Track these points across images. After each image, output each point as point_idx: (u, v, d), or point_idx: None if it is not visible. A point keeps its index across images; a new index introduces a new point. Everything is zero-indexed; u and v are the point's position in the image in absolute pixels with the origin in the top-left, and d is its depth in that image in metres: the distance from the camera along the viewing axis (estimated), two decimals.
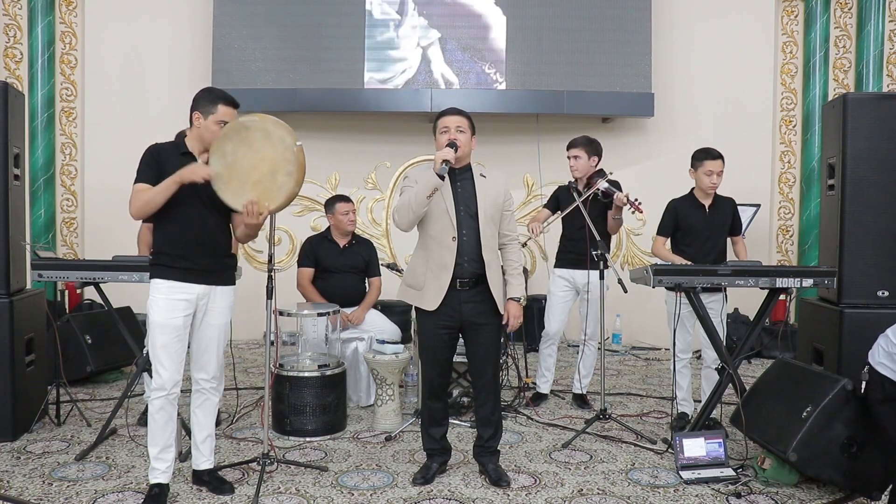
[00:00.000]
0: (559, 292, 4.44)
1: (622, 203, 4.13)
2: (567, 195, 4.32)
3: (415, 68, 6.36)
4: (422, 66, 6.36)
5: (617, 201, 4.14)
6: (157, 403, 2.89)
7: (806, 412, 3.08)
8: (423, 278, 3.15)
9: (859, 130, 3.78)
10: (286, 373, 3.92)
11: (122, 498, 3.03)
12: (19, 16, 6.30)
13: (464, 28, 6.38)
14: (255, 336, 6.41)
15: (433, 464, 3.29)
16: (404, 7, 6.32)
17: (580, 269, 4.31)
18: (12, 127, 3.77)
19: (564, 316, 4.49)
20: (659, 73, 6.55)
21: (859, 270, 3.77)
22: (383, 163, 6.75)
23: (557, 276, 4.46)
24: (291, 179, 2.84)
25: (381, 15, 6.32)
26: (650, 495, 3.13)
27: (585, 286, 4.27)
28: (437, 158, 3.03)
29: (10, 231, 3.76)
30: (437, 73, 6.37)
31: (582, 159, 4.29)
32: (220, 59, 6.25)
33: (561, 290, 4.44)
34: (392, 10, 6.31)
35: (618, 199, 4.14)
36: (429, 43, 6.33)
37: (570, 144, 4.36)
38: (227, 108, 2.92)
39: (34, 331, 3.97)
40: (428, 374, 3.26)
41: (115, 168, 5.89)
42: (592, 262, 4.06)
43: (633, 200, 4.11)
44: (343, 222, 4.65)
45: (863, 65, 6.49)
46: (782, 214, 6.92)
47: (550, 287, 4.51)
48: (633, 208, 4.14)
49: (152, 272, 2.93)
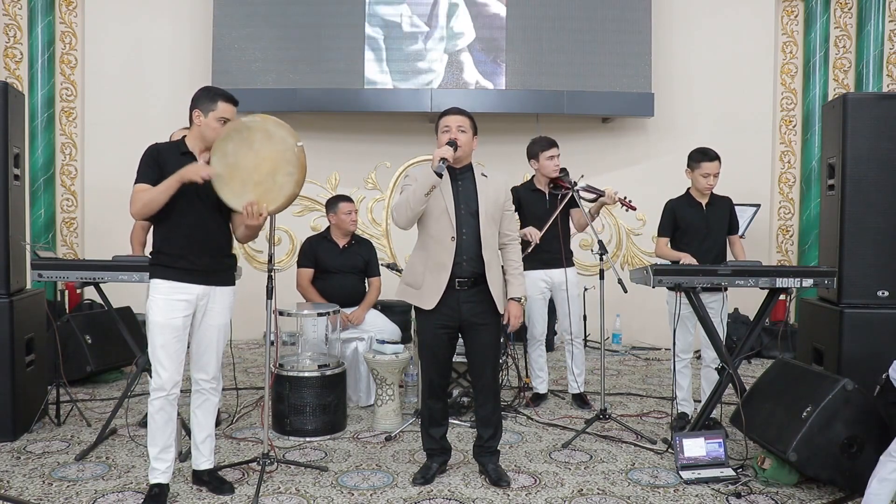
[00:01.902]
0: (537, 294, 4.42)
1: (612, 202, 4.15)
2: (531, 196, 4.34)
3: (440, 76, 6.39)
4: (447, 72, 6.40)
5: (607, 200, 4.19)
6: (157, 404, 2.89)
7: (806, 412, 3.08)
8: (421, 277, 3.15)
9: (859, 130, 3.78)
10: (286, 373, 3.92)
11: (122, 498, 3.03)
12: (19, 16, 6.30)
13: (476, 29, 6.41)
14: (255, 336, 6.41)
15: (433, 464, 3.29)
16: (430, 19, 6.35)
17: (556, 269, 4.34)
18: (12, 127, 3.77)
19: (546, 316, 4.52)
20: (659, 73, 6.55)
21: (859, 270, 3.77)
22: (383, 163, 6.75)
23: (534, 279, 4.36)
24: (292, 180, 2.84)
25: (410, 28, 6.35)
26: (650, 495, 3.13)
27: (562, 283, 4.29)
28: (435, 156, 3.03)
29: (10, 231, 3.76)
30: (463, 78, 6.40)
31: (558, 157, 4.33)
32: (220, 59, 6.25)
33: (539, 293, 4.42)
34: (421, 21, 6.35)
35: (608, 198, 4.18)
36: (456, 49, 6.37)
37: (552, 143, 4.34)
38: (228, 105, 2.91)
39: (34, 331, 3.97)
40: (428, 374, 3.25)
41: (115, 168, 5.89)
42: (567, 260, 4.12)
43: (623, 198, 4.13)
44: (345, 222, 4.65)
45: (863, 65, 6.49)
46: (782, 214, 6.92)
47: (528, 290, 4.39)
48: (625, 206, 4.15)
49: (152, 272, 2.93)
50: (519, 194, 4.30)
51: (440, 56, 6.40)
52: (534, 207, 4.32)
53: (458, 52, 6.42)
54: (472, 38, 6.40)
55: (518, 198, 4.26)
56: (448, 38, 6.39)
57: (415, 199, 3.04)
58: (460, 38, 6.41)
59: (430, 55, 6.39)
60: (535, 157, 4.36)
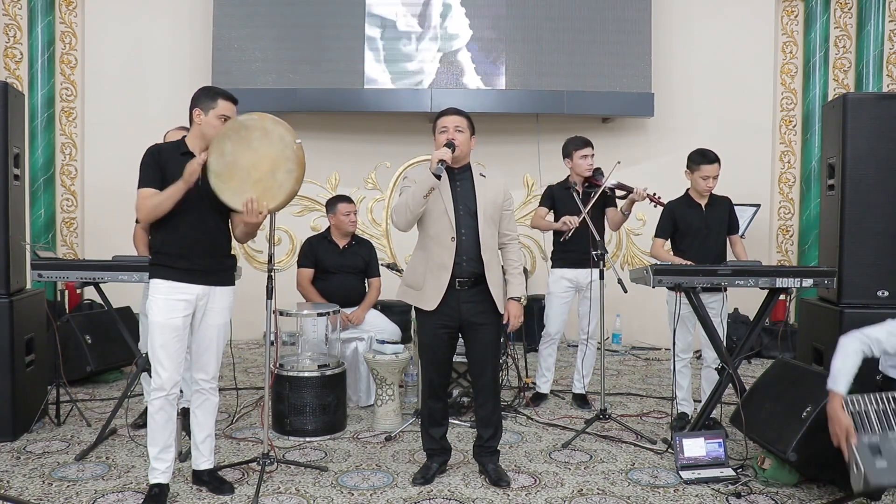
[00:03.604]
0: (560, 292, 4.44)
1: (641, 198, 4.13)
2: (564, 194, 4.33)
3: (432, 75, 6.39)
4: (440, 71, 6.39)
5: (637, 197, 4.16)
6: (157, 404, 2.89)
7: (806, 412, 3.08)
8: (422, 278, 3.15)
9: (859, 130, 3.78)
10: (286, 373, 3.92)
11: (122, 498, 3.03)
12: (19, 16, 6.30)
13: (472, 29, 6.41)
14: (255, 336, 6.41)
15: (433, 464, 3.29)
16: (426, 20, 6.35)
17: (583, 269, 4.30)
18: (12, 127, 3.77)
19: (565, 316, 4.49)
20: (659, 73, 6.55)
21: (859, 270, 3.77)
22: (383, 163, 6.75)
23: (559, 277, 4.44)
24: (291, 177, 2.84)
25: (410, 28, 6.35)
26: (650, 495, 3.13)
27: (588, 285, 4.27)
28: (433, 158, 3.03)
29: (10, 231, 3.76)
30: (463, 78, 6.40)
31: (592, 157, 4.34)
32: (220, 59, 6.25)
33: (563, 291, 4.43)
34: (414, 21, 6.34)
35: (637, 195, 4.15)
36: (455, 49, 6.37)
37: (586, 142, 4.35)
38: (227, 103, 2.92)
39: (34, 331, 3.97)
40: (428, 373, 3.26)
41: (115, 168, 5.89)
42: (594, 261, 4.07)
43: (653, 194, 4.12)
44: (344, 223, 4.64)
45: (863, 65, 6.49)
46: (782, 214, 6.91)
47: (551, 287, 4.50)
48: (654, 202, 4.14)
49: (152, 272, 2.93)
50: (553, 192, 4.41)
51: (440, 56, 6.40)
52: (566, 205, 4.31)
53: (457, 51, 6.42)
54: (472, 37, 6.40)
55: (552, 195, 4.41)
56: (448, 38, 6.39)
57: (414, 201, 3.04)
58: (460, 38, 6.41)
59: (430, 55, 6.39)
60: (569, 156, 4.39)
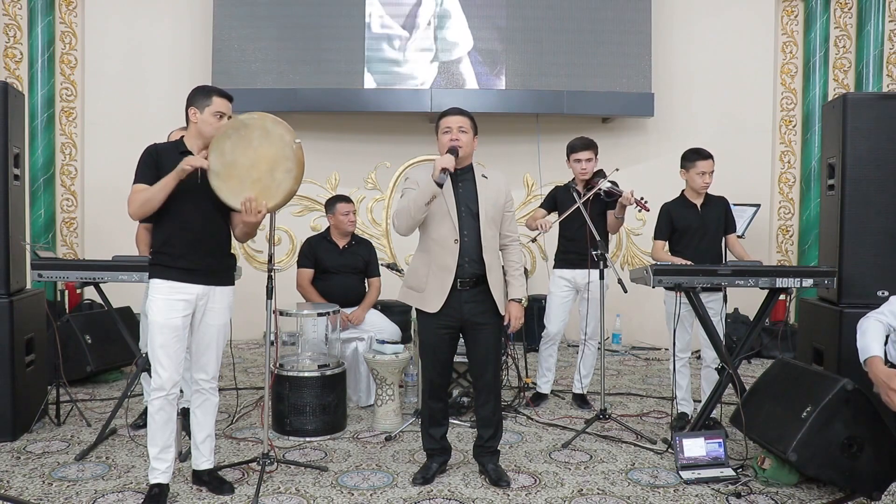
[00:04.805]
0: (560, 293, 4.45)
1: (629, 202, 4.12)
2: (566, 195, 4.33)
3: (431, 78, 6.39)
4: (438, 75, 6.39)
5: (623, 200, 4.14)
6: (157, 404, 2.89)
7: (806, 412, 3.08)
8: (424, 280, 3.14)
9: (859, 130, 3.78)
10: (286, 373, 3.92)
11: (122, 498, 3.03)
12: (19, 16, 6.30)
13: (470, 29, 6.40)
14: (255, 336, 6.41)
15: (433, 464, 3.29)
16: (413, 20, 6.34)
17: (581, 269, 4.31)
18: (12, 127, 3.77)
19: (565, 316, 4.49)
20: (659, 73, 6.55)
21: (859, 270, 3.77)
22: (383, 163, 6.75)
23: (558, 277, 4.45)
24: (290, 177, 2.84)
25: (410, 28, 6.35)
26: (650, 495, 3.13)
27: (586, 286, 4.28)
28: (436, 166, 2.99)
29: (10, 231, 3.76)
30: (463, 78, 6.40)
31: (593, 161, 4.33)
32: (220, 59, 6.25)
33: (562, 291, 4.44)
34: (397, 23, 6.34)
35: (624, 199, 4.13)
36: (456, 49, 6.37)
37: (583, 146, 4.33)
38: (222, 100, 2.93)
39: (34, 331, 3.97)
40: (428, 374, 3.25)
41: (115, 168, 5.88)
42: (593, 262, 4.07)
43: (640, 199, 4.11)
44: (343, 223, 4.65)
45: (863, 65, 6.49)
46: (782, 214, 6.91)
47: (551, 287, 4.51)
48: (640, 207, 4.13)
49: (152, 272, 2.93)
50: (556, 194, 4.46)
51: (440, 57, 6.39)
52: (567, 206, 4.30)
53: (457, 53, 6.41)
54: (472, 38, 6.39)
55: (555, 197, 4.45)
56: (448, 39, 6.39)
57: (415, 207, 3.03)
58: (460, 39, 6.40)
59: (430, 55, 6.39)
60: (567, 159, 4.41)
